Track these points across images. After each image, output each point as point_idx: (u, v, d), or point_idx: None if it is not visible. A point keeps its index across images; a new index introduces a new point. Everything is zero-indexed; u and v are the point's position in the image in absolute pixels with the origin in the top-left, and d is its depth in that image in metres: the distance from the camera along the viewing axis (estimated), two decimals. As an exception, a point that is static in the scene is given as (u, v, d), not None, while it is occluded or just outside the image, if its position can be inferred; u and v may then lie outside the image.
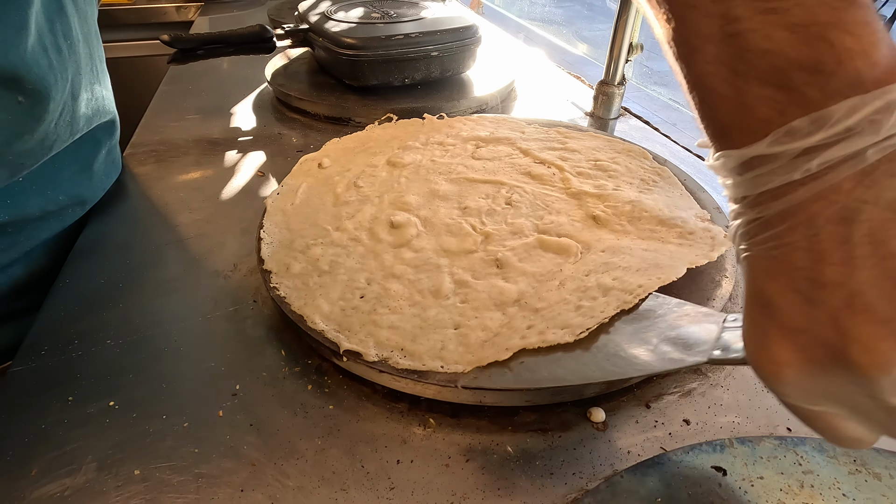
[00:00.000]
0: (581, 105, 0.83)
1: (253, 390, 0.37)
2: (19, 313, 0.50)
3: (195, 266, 0.49)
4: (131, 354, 0.39)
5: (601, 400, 0.36)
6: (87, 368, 0.38)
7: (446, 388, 0.34)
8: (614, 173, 0.56)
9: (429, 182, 0.55)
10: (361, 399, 0.37)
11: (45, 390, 0.37)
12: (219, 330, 0.42)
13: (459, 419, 0.35)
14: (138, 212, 0.56)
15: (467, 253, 0.45)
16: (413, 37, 0.76)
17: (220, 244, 0.52)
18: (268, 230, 0.48)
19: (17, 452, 0.32)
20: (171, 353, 0.40)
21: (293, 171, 0.57)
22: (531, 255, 0.44)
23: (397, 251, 0.45)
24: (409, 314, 0.39)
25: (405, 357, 0.36)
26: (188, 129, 0.74)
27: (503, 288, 0.41)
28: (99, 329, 0.41)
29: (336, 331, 0.38)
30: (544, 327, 0.35)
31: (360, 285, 0.42)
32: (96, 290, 0.46)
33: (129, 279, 0.47)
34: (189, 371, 0.38)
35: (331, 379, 0.38)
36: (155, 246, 0.51)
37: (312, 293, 0.41)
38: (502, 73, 0.86)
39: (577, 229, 0.47)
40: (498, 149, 0.61)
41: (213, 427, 0.34)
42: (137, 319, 0.43)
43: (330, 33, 0.77)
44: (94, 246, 0.51)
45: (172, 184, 0.61)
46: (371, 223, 0.49)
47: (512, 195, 0.52)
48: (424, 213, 0.50)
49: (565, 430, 0.35)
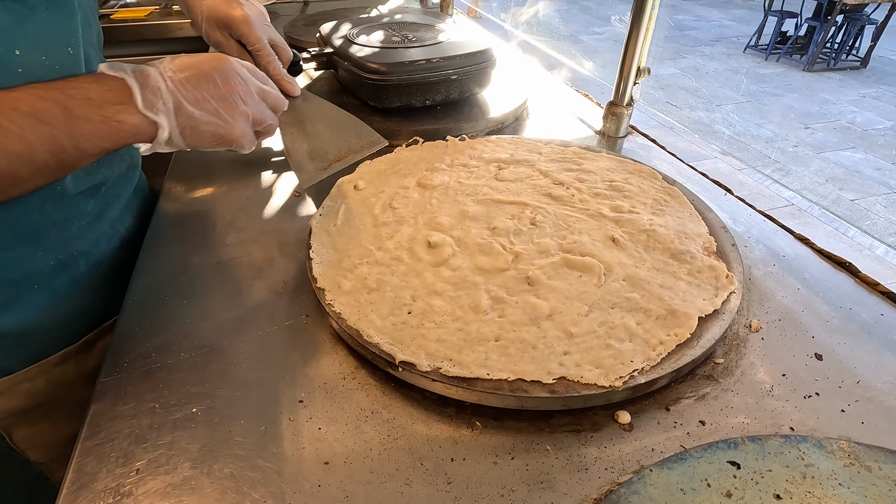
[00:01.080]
0: (591, 123, 0.88)
1: (316, 398, 0.42)
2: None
3: (249, 283, 0.54)
4: (205, 365, 0.44)
5: (626, 404, 0.41)
6: (167, 378, 0.43)
7: (492, 395, 0.39)
8: (629, 193, 0.61)
9: (458, 203, 0.59)
10: (414, 405, 0.42)
11: (134, 398, 0.41)
12: (279, 343, 0.47)
13: (502, 422, 0.40)
14: (190, 234, 0.61)
15: (500, 271, 0.50)
16: (434, 62, 0.81)
17: (268, 262, 0.56)
18: (316, 250, 0.53)
19: (119, 454, 0.37)
20: (239, 363, 0.44)
21: (332, 192, 0.62)
22: (558, 273, 0.49)
23: (436, 270, 0.50)
24: (454, 328, 0.44)
25: (454, 366, 0.41)
26: (223, 152, 0.78)
27: (536, 304, 0.45)
28: (172, 343, 0.46)
29: (390, 343, 0.43)
30: (580, 358, 0.41)
31: (406, 302, 0.47)
32: (164, 308, 0.50)
33: (191, 296, 0.52)
34: (258, 380, 0.43)
35: (384, 387, 0.43)
36: (209, 265, 0.56)
37: (364, 309, 0.46)
38: (515, 92, 0.91)
39: (598, 249, 0.52)
40: (519, 170, 0.66)
41: (286, 430, 0.39)
42: (205, 333, 0.47)
43: (355, 58, 0.82)
44: (153, 267, 0.56)
45: (216, 205, 0.66)
46: (410, 243, 0.54)
47: (536, 216, 0.57)
48: (457, 234, 0.55)
49: (596, 431, 0.39)
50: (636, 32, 0.75)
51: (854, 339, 0.47)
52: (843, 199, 3.31)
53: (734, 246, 0.54)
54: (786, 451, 0.34)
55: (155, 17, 1.55)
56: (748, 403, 0.41)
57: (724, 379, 0.43)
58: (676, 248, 0.51)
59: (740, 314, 0.49)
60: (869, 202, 3.28)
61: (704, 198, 0.66)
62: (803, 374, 0.44)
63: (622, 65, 0.79)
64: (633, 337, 0.42)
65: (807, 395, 0.42)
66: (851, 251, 2.59)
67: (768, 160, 3.75)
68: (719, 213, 0.63)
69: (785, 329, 0.48)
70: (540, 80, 1.06)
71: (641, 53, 0.78)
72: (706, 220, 0.57)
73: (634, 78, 0.80)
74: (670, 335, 0.42)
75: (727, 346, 0.46)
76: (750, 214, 0.66)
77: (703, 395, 0.42)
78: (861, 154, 3.83)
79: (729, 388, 0.43)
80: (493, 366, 0.40)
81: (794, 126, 4.22)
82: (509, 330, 0.43)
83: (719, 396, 0.42)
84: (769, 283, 0.54)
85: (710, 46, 6.13)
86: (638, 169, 0.66)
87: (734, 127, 4.22)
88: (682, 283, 0.48)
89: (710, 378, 0.43)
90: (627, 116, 0.83)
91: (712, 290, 0.47)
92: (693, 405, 0.41)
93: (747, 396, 0.42)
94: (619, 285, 0.48)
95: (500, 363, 0.41)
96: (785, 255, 0.58)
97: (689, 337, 0.42)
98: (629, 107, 0.82)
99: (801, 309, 0.50)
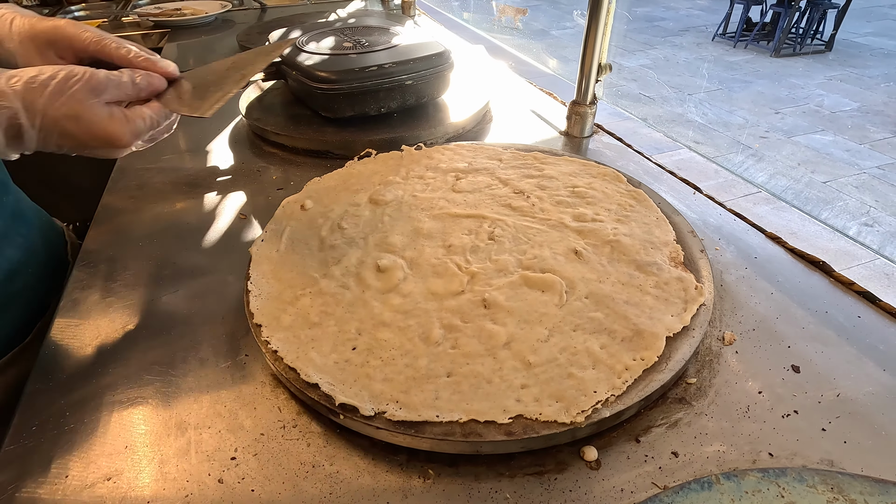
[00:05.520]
0: (555, 123, 0.85)
1: (251, 453, 0.37)
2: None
3: (184, 322, 0.49)
4: (126, 424, 0.39)
5: (593, 438, 0.38)
6: (81, 443, 0.38)
7: (444, 441, 0.35)
8: (592, 200, 0.58)
9: (412, 220, 0.55)
10: (361, 454, 0.37)
11: (41, 468, 0.36)
12: (212, 389, 0.42)
13: (458, 467, 0.36)
14: (121, 266, 0.56)
15: (454, 295, 0.46)
16: (387, 67, 0.77)
17: (207, 295, 0.52)
18: (255, 281, 0.49)
19: (17, 539, 0.32)
20: (166, 419, 0.40)
21: (276, 215, 0.58)
22: (517, 294, 0.45)
23: (385, 297, 0.46)
24: (401, 364, 0.40)
25: (400, 409, 0.37)
26: (166, 172, 0.73)
27: (492, 331, 0.42)
28: (91, 398, 0.41)
29: (330, 384, 0.39)
30: (539, 392, 0.37)
31: (350, 336, 0.42)
32: (84, 356, 0.45)
33: (117, 341, 0.47)
34: (187, 432, 0.38)
35: (329, 435, 0.39)
36: (142, 302, 0.51)
37: (304, 346, 0.42)
38: (475, 95, 0.88)
39: (560, 263, 0.48)
40: (477, 179, 0.62)
41: (214, 495, 0.35)
42: (130, 383, 0.42)
43: (303, 66, 0.78)
44: (79, 305, 0.51)
45: (154, 233, 0.61)
46: (358, 267, 0.49)
47: (494, 229, 0.53)
48: (410, 254, 0.51)
49: (561, 472, 0.36)
50: (594, 28, 0.72)
51: (832, 347, 0.44)
52: (816, 182, 3.36)
53: (703, 252, 0.51)
54: (763, 489, 0.31)
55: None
56: (723, 428, 0.38)
57: (698, 401, 0.40)
58: (642, 260, 0.48)
59: (712, 326, 0.46)
60: (840, 183, 3.33)
61: (672, 198, 0.63)
62: (781, 390, 0.41)
63: (582, 62, 0.75)
64: (596, 363, 0.39)
65: (785, 414, 0.39)
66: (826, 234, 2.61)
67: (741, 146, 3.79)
68: (688, 214, 0.61)
69: (760, 340, 0.45)
70: (503, 81, 1.02)
71: (601, 49, 0.75)
72: (674, 224, 0.54)
73: (596, 75, 0.77)
74: (636, 359, 0.39)
75: (699, 364, 0.43)
76: (720, 213, 0.63)
77: (675, 422, 0.39)
78: (830, 136, 3.89)
79: (703, 411, 0.40)
80: (443, 406, 0.36)
81: (764, 112, 4.27)
82: (462, 363, 0.39)
83: (692, 422, 0.39)
84: (742, 288, 0.51)
85: (680, 36, 6.19)
86: (602, 172, 0.63)
87: (706, 115, 4.25)
88: (648, 298, 0.44)
89: (682, 401, 0.40)
90: (591, 115, 0.80)
91: (681, 303, 0.44)
92: (665, 434, 0.38)
93: (722, 420, 0.39)
94: (581, 304, 0.44)
95: (452, 402, 0.37)
96: (757, 256, 0.55)
97: (657, 360, 0.39)
98: (593, 105, 0.79)
99: (775, 316, 0.48)
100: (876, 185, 3.30)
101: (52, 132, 0.40)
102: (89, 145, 0.43)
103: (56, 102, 0.40)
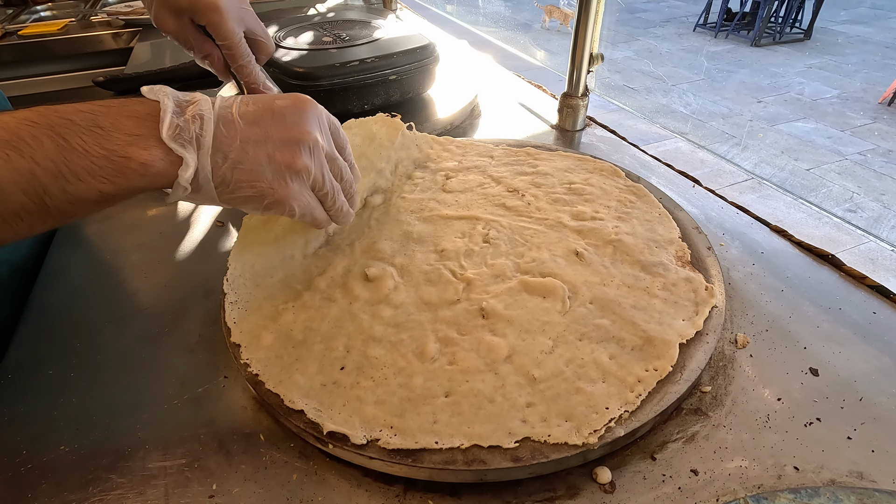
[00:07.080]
0: (546, 117, 0.82)
1: (232, 488, 0.34)
2: None
3: (156, 341, 0.45)
4: (91, 460, 0.36)
5: (605, 457, 0.35)
6: (38, 484, 0.34)
7: (444, 470, 0.32)
8: (590, 196, 0.55)
9: (401, 223, 0.52)
10: (353, 485, 0.34)
11: (-8, 518, 0.32)
12: (188, 417, 0.38)
13: (460, 497, 0.33)
14: (87, 283, 0.52)
15: (449, 304, 0.42)
16: (369, 62, 0.73)
17: (181, 312, 0.48)
18: (231, 294, 0.45)
19: None
20: (135, 452, 0.36)
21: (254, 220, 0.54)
22: (517, 301, 0.42)
23: (375, 309, 0.42)
24: (395, 384, 0.36)
25: (395, 435, 0.33)
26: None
27: (492, 343, 0.38)
28: (49, 433, 0.37)
29: (317, 410, 0.35)
30: (546, 410, 0.34)
31: (338, 355, 0.39)
32: (44, 384, 0.41)
33: (81, 365, 0.43)
34: (158, 473, 0.35)
35: (317, 463, 0.35)
36: (108, 321, 0.47)
37: (288, 368, 0.38)
38: (462, 89, 0.84)
39: (560, 266, 0.45)
40: (468, 178, 0.59)
41: (190, 541, 0.31)
42: (94, 415, 0.39)
43: (280, 63, 0.73)
44: (39, 328, 0.46)
45: (122, 245, 0.56)
46: (344, 277, 0.46)
47: (489, 231, 0.50)
48: (400, 261, 0.47)
49: (572, 497, 0.33)
50: (585, 16, 0.69)
51: (849, 346, 0.42)
52: (799, 169, 3.38)
53: (710, 249, 0.48)
54: (797, 512, 0.28)
55: (71, 31, 1.41)
56: (743, 441, 0.36)
57: (714, 411, 0.38)
58: (647, 260, 0.45)
59: (724, 329, 0.43)
60: (823, 170, 3.36)
61: (672, 192, 0.61)
62: (800, 396, 0.38)
63: (573, 53, 0.72)
64: (606, 376, 0.36)
65: (807, 423, 0.37)
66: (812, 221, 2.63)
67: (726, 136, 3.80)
68: (690, 209, 0.58)
69: (774, 341, 0.43)
70: (490, 75, 0.99)
71: (593, 38, 0.72)
72: (677, 220, 0.52)
73: (588, 66, 0.74)
74: (649, 370, 0.36)
75: (713, 370, 0.40)
76: (721, 207, 0.60)
77: (692, 436, 0.36)
78: (812, 124, 3.93)
79: (720, 422, 0.37)
80: (442, 431, 0.33)
81: (747, 101, 4.29)
82: (461, 381, 0.36)
83: (710, 435, 0.36)
84: (750, 286, 0.48)
85: (662, 27, 6.20)
86: (598, 167, 0.60)
87: (691, 105, 4.26)
88: (656, 302, 0.41)
89: (698, 412, 0.37)
90: (584, 108, 0.77)
91: (691, 306, 0.41)
92: (682, 449, 0.35)
93: (742, 431, 0.36)
94: (585, 310, 0.41)
95: (452, 426, 0.33)
96: (763, 251, 0.53)
97: (671, 369, 0.36)
98: (585, 97, 0.76)
99: (787, 315, 0.45)
100: (858, 171, 3.34)
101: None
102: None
103: None
